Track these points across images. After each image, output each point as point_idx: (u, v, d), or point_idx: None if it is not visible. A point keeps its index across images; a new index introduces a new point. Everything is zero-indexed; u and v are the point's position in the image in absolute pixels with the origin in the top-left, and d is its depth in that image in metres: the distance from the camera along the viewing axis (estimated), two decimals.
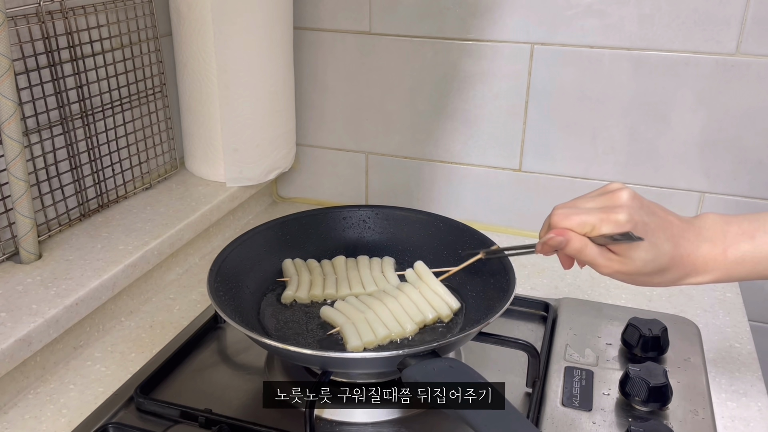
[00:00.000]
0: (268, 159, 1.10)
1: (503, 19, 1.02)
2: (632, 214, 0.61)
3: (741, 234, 0.62)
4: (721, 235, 0.62)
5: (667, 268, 0.62)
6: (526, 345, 0.76)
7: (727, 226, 0.63)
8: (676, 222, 0.63)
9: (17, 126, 0.78)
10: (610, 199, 0.63)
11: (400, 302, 0.78)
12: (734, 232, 0.62)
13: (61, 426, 0.70)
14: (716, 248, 0.62)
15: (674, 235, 0.62)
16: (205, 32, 1.01)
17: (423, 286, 0.80)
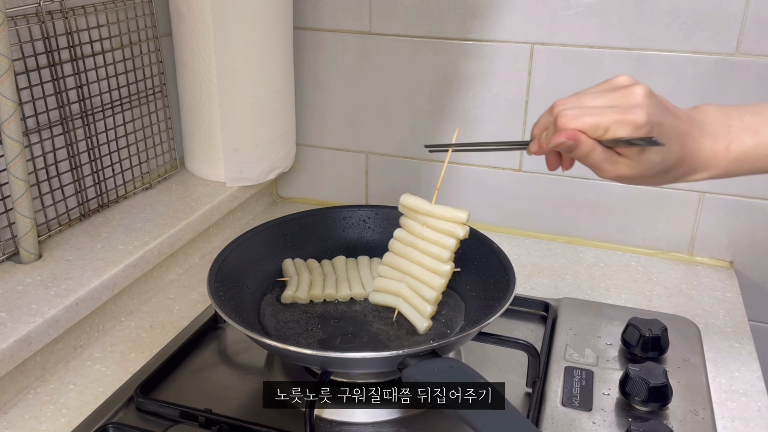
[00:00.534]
0: (268, 159, 1.10)
1: (503, 19, 1.02)
2: (650, 114, 0.56)
3: (744, 129, 0.59)
4: (724, 131, 0.59)
5: (671, 168, 0.59)
6: (526, 345, 0.76)
7: (729, 120, 0.59)
8: (683, 118, 0.59)
9: (17, 126, 0.78)
10: (623, 96, 0.57)
11: (420, 249, 0.76)
12: (737, 127, 0.59)
13: (61, 426, 0.70)
14: (719, 144, 0.59)
15: (682, 134, 0.58)
16: (205, 32, 1.01)
17: (425, 219, 0.76)
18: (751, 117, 0.59)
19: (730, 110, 0.60)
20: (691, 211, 1.03)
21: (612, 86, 0.59)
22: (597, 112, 0.57)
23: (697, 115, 0.60)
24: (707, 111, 0.61)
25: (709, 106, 0.61)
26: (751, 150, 0.59)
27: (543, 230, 1.12)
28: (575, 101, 0.59)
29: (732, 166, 0.60)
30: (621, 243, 1.08)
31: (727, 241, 1.03)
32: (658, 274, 1.01)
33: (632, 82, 0.58)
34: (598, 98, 0.58)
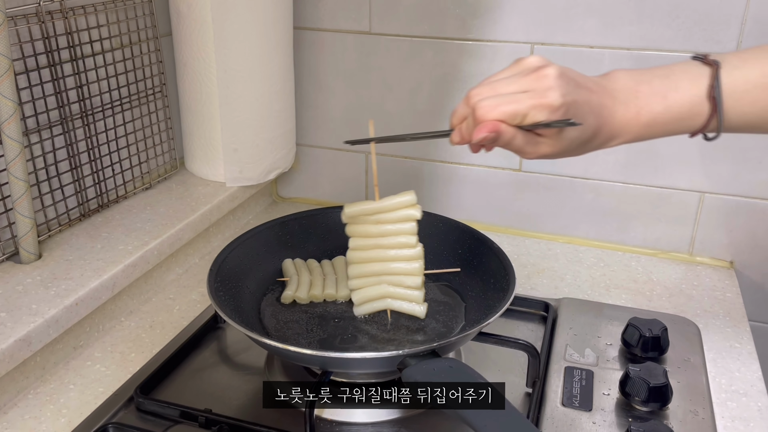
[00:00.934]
0: (268, 159, 1.10)
1: (503, 19, 1.02)
2: (564, 95, 0.57)
3: (653, 94, 0.60)
4: (633, 97, 0.60)
5: (590, 140, 0.60)
6: (526, 345, 0.76)
7: (638, 86, 0.60)
8: (595, 89, 0.60)
9: (17, 126, 0.78)
10: (536, 79, 0.57)
11: (386, 245, 0.75)
12: (645, 93, 0.60)
13: (61, 426, 0.70)
14: (630, 111, 0.60)
15: (596, 106, 0.59)
16: (205, 32, 1.01)
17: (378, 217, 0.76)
18: (659, 81, 0.60)
19: (639, 75, 0.61)
20: (691, 211, 1.03)
21: (523, 69, 0.59)
22: (513, 100, 0.57)
23: (608, 83, 0.61)
24: (617, 77, 0.61)
25: (620, 72, 0.62)
26: (660, 115, 0.60)
27: (543, 230, 1.12)
28: (490, 90, 0.59)
29: (643, 131, 0.61)
30: (621, 243, 1.08)
31: (727, 241, 1.03)
32: (658, 274, 1.01)
33: (543, 63, 0.59)
34: (511, 84, 0.58)
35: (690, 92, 0.59)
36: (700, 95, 0.59)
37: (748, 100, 0.59)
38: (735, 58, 0.60)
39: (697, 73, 0.60)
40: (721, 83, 0.59)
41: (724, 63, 0.60)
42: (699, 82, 0.59)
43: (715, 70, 0.59)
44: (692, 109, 0.60)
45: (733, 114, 0.59)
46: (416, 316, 0.76)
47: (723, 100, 0.59)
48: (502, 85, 0.59)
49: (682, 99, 0.59)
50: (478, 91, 0.59)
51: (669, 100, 0.59)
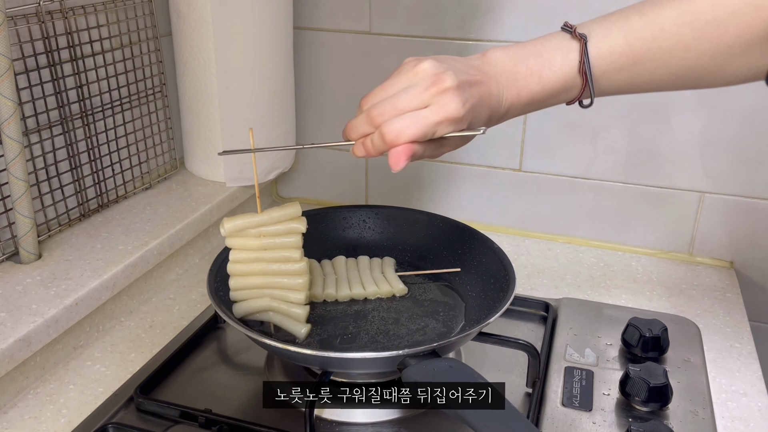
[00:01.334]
0: (268, 159, 1.10)
1: (503, 19, 1.02)
2: (464, 103, 0.58)
3: (530, 75, 0.62)
4: (513, 80, 0.62)
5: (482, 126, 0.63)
6: (526, 345, 0.76)
7: (516, 67, 0.63)
8: (482, 79, 0.61)
9: (17, 126, 0.78)
10: (437, 94, 0.58)
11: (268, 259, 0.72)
12: (523, 74, 0.62)
13: (61, 426, 0.70)
14: (512, 94, 0.63)
15: (486, 98, 0.61)
16: (205, 32, 1.01)
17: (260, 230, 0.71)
18: (534, 60, 0.63)
19: (515, 55, 0.63)
20: (691, 211, 1.03)
21: (420, 79, 0.60)
22: (420, 120, 0.58)
23: (489, 67, 0.63)
24: (497, 60, 0.63)
25: (497, 52, 0.64)
26: (538, 93, 0.63)
27: (543, 230, 1.12)
28: (392, 108, 0.59)
29: (525, 109, 0.64)
30: (621, 243, 1.08)
31: (727, 241, 1.03)
32: (658, 274, 1.01)
33: (438, 70, 0.59)
34: (413, 99, 0.59)
35: (562, 69, 0.62)
36: (572, 71, 0.62)
37: (615, 68, 0.62)
38: (600, 28, 0.63)
39: (567, 49, 0.63)
40: (590, 57, 0.62)
41: (591, 35, 0.62)
42: (569, 57, 0.62)
43: (583, 45, 0.62)
44: (566, 84, 0.63)
45: (603, 83, 0.63)
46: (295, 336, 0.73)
47: (593, 72, 0.62)
48: (403, 102, 0.59)
49: (556, 76, 0.62)
50: (380, 110, 0.60)
51: (544, 79, 0.63)
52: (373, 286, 0.82)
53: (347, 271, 0.85)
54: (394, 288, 0.82)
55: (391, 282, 0.83)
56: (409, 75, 0.61)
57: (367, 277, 0.83)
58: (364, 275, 0.84)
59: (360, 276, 0.84)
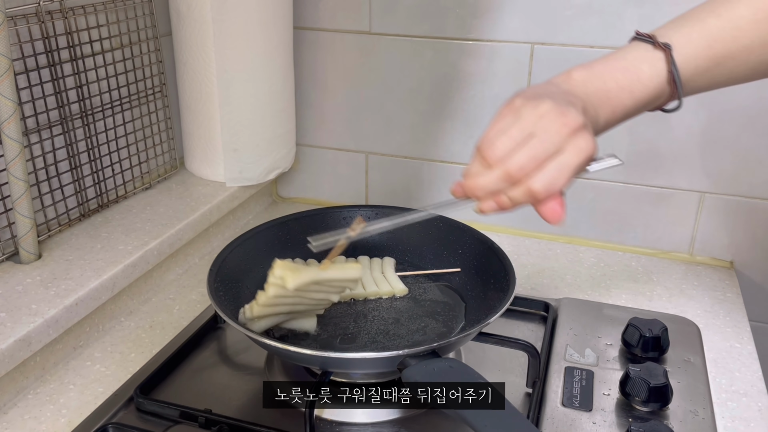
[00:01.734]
0: (268, 159, 1.10)
1: (503, 19, 1.02)
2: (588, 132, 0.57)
3: (620, 91, 0.63)
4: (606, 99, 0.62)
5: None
6: (526, 345, 0.76)
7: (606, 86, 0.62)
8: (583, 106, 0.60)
9: (17, 126, 0.78)
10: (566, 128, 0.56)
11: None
12: (615, 91, 0.62)
13: (61, 426, 0.70)
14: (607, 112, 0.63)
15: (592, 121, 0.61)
16: (205, 32, 1.01)
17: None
18: (622, 75, 0.63)
19: (602, 73, 0.63)
20: (691, 211, 1.03)
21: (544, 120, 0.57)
22: (565, 168, 0.57)
23: (580, 90, 0.62)
24: (584, 81, 0.62)
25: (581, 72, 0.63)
26: (631, 108, 0.63)
27: (543, 230, 1.12)
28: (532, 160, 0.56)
29: (619, 122, 0.64)
30: (621, 243, 1.08)
31: (727, 241, 1.03)
32: (658, 274, 1.01)
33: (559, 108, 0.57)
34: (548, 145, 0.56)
35: (652, 81, 0.62)
36: (661, 82, 0.63)
37: (699, 72, 0.63)
38: (680, 35, 0.63)
39: (652, 60, 0.63)
40: (676, 64, 0.62)
41: (673, 43, 0.62)
42: (657, 68, 0.62)
43: (669, 55, 0.62)
44: (656, 95, 0.63)
45: (687, 88, 0.64)
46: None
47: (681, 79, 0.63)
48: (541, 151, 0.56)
49: (647, 89, 0.63)
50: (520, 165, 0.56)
51: (635, 93, 0.63)
52: (373, 286, 0.82)
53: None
54: (394, 288, 0.82)
55: (392, 282, 0.83)
56: (531, 119, 0.57)
57: (367, 277, 0.83)
58: (364, 275, 0.84)
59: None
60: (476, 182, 0.58)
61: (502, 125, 0.58)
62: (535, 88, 0.61)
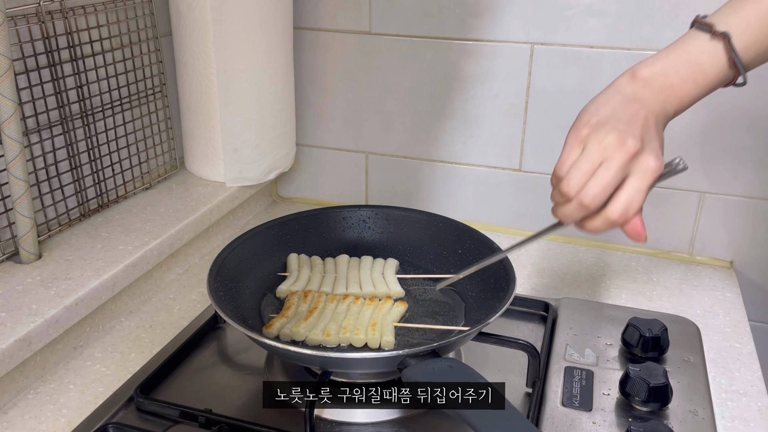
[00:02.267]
0: (268, 159, 1.10)
1: (503, 19, 1.02)
2: (653, 151, 0.61)
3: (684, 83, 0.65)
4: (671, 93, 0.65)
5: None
6: (526, 345, 0.76)
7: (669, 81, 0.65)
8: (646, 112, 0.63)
9: (17, 126, 0.78)
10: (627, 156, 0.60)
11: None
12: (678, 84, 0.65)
13: (61, 426, 0.70)
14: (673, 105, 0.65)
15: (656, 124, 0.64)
16: (205, 32, 1.01)
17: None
18: (684, 69, 0.65)
19: (664, 68, 0.65)
20: (691, 211, 1.03)
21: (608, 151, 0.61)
22: (635, 192, 0.61)
23: (644, 90, 0.64)
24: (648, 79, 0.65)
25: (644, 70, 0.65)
26: (696, 96, 0.66)
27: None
28: (598, 187, 0.61)
29: (688, 107, 0.67)
30: (621, 243, 1.08)
31: (727, 241, 1.03)
32: (658, 274, 1.01)
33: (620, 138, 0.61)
34: (615, 175, 0.60)
35: (714, 70, 0.65)
36: (723, 69, 0.65)
37: (761, 52, 0.65)
38: (738, 20, 0.65)
39: (712, 51, 0.65)
40: (737, 51, 0.64)
41: (731, 30, 0.64)
42: (717, 57, 0.64)
43: (728, 43, 0.64)
44: (720, 80, 0.66)
45: (753, 65, 0.66)
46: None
47: (742, 62, 0.64)
48: (606, 178, 0.60)
49: (709, 78, 0.65)
50: (592, 194, 0.61)
51: (700, 83, 0.65)
52: (370, 286, 0.82)
53: (348, 270, 0.85)
54: (391, 290, 0.82)
55: (389, 284, 0.83)
56: (597, 151, 0.61)
57: (366, 277, 0.83)
58: (363, 275, 0.84)
59: (359, 276, 0.84)
60: (561, 212, 0.65)
61: (572, 157, 0.63)
62: (600, 105, 0.65)
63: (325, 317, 0.77)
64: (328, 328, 0.74)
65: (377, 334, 0.73)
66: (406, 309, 0.80)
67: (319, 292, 0.81)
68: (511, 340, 0.77)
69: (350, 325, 0.75)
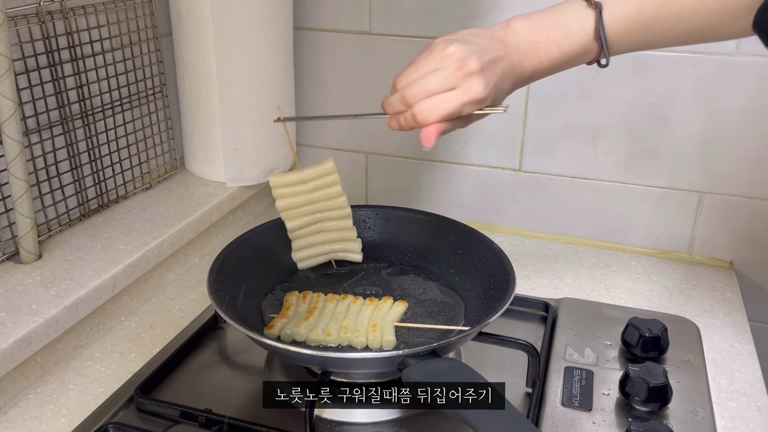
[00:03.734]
0: (268, 159, 1.10)
1: (503, 19, 1.01)
2: (487, 83, 0.63)
3: (549, 43, 0.67)
4: (534, 49, 0.67)
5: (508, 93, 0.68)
6: (526, 345, 0.76)
7: (536, 37, 0.67)
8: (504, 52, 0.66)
9: (17, 126, 0.78)
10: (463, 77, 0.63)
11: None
12: (543, 42, 0.67)
13: (61, 426, 0.70)
14: (533, 61, 0.67)
15: (509, 69, 0.66)
16: (205, 32, 1.01)
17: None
18: (553, 29, 0.67)
19: (536, 25, 0.68)
20: (691, 211, 1.03)
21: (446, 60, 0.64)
22: (447, 102, 0.63)
23: (511, 38, 0.67)
24: (518, 31, 0.68)
25: (519, 22, 0.68)
26: (558, 59, 0.68)
27: (543, 230, 1.12)
28: (423, 90, 0.64)
29: (547, 73, 0.69)
30: (621, 243, 1.08)
31: (727, 241, 1.03)
32: (658, 274, 1.01)
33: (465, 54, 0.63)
34: (441, 81, 0.64)
35: (579, 36, 0.67)
36: (588, 38, 0.67)
37: (629, 32, 0.67)
38: None
39: (583, 17, 0.67)
40: (605, 23, 0.66)
41: (606, 3, 0.66)
42: (586, 25, 0.67)
43: (598, 13, 0.66)
44: (583, 50, 0.67)
45: (617, 46, 0.68)
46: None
47: (607, 37, 0.66)
48: (432, 84, 0.64)
49: (574, 44, 0.67)
50: (412, 92, 0.65)
51: (563, 47, 0.67)
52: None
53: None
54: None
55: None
56: (438, 58, 0.65)
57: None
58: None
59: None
60: (387, 100, 0.70)
61: (416, 60, 0.67)
62: (468, 32, 0.67)
63: (325, 317, 0.77)
64: (329, 327, 0.74)
65: (378, 335, 0.73)
66: (406, 308, 0.80)
67: (317, 293, 0.81)
68: (511, 340, 0.77)
69: (351, 324, 0.75)
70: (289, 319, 0.76)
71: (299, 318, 0.76)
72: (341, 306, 0.78)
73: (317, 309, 0.78)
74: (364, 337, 0.73)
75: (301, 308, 0.78)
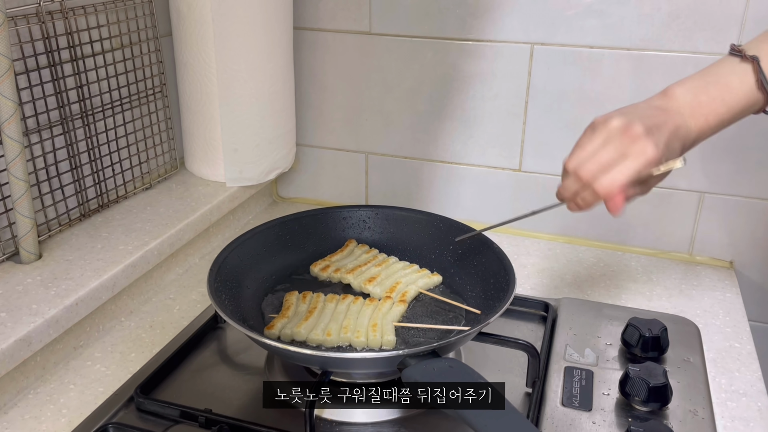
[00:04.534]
0: (268, 159, 1.10)
1: (503, 19, 1.02)
2: (657, 144, 0.64)
3: (712, 101, 0.68)
4: (698, 108, 0.68)
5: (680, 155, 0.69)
6: (526, 345, 0.76)
7: (698, 98, 0.69)
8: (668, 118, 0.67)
9: (17, 126, 0.78)
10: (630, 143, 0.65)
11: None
12: (706, 101, 0.68)
13: (61, 426, 0.70)
14: (699, 121, 0.68)
15: (675, 132, 0.67)
16: (205, 32, 1.01)
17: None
18: (713, 88, 0.69)
19: (695, 87, 0.69)
20: (691, 211, 1.03)
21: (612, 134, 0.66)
22: (625, 170, 0.65)
23: (672, 103, 0.69)
24: (677, 95, 0.69)
25: (677, 88, 0.70)
26: (724, 115, 0.69)
27: (543, 230, 1.12)
28: (597, 165, 0.66)
29: (716, 130, 0.70)
30: (621, 243, 1.08)
31: (727, 241, 1.03)
32: (658, 274, 1.01)
33: (626, 122, 0.65)
34: (611, 152, 0.65)
35: (742, 90, 0.68)
36: (751, 90, 0.68)
37: None
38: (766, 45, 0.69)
39: (741, 72, 0.69)
40: (765, 73, 0.67)
41: (761, 54, 0.68)
42: (746, 79, 0.68)
43: (757, 65, 0.68)
44: (749, 102, 0.69)
45: None
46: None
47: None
48: (605, 157, 0.66)
49: (738, 97, 0.69)
50: (587, 169, 0.66)
51: (728, 102, 0.69)
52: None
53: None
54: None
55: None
56: (602, 133, 0.67)
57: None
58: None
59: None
60: (560, 188, 0.70)
61: (580, 141, 0.69)
62: (625, 107, 0.69)
63: (325, 317, 0.77)
64: (329, 327, 0.74)
65: (378, 335, 0.73)
66: (406, 308, 0.80)
67: (317, 293, 0.81)
68: (511, 340, 0.77)
69: (351, 324, 0.75)
70: (289, 319, 0.76)
71: (299, 318, 0.76)
72: (341, 306, 0.78)
73: (317, 309, 0.78)
74: (364, 337, 0.73)
75: (301, 308, 0.78)
